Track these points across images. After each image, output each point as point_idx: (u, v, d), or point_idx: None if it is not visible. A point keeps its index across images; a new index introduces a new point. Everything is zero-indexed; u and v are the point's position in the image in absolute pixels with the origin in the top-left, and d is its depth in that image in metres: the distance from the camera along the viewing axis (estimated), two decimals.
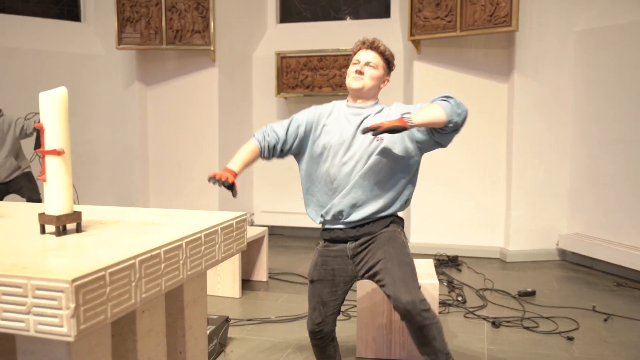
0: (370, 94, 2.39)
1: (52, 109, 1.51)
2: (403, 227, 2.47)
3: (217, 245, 1.82)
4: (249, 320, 3.65)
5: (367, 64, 2.35)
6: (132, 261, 1.33)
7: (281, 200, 6.47)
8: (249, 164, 2.37)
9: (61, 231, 1.50)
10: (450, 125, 2.14)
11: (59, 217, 1.50)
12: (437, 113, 2.12)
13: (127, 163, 6.42)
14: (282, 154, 2.44)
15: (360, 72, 2.34)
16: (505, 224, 5.36)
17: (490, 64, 5.31)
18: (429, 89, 5.50)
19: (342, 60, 5.97)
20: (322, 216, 2.43)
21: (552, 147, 5.20)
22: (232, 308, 3.93)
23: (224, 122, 6.13)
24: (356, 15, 6.55)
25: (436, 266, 5.00)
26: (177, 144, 6.25)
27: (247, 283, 4.52)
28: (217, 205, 6.11)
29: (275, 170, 6.39)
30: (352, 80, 2.35)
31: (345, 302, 2.66)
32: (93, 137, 6.59)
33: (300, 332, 3.43)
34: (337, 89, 5.99)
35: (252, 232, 4.46)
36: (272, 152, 2.40)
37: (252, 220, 6.45)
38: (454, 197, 5.50)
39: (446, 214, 5.53)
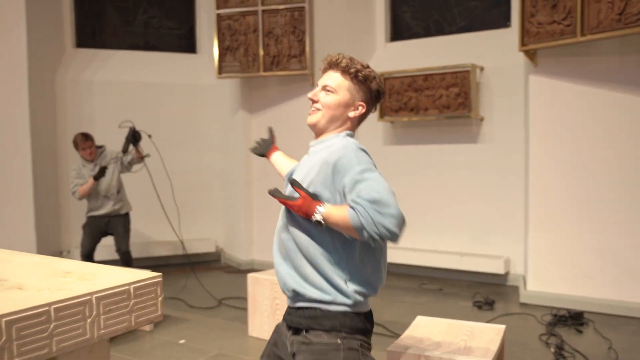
0: (331, 127, 1.81)
1: None
2: (348, 335, 1.67)
3: (90, 320, 1.45)
4: None
5: (324, 87, 1.79)
6: None
7: None
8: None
9: None
10: (367, 237, 1.53)
11: None
12: (346, 223, 1.55)
13: (233, 190, 6.39)
14: None
15: (313, 101, 1.80)
16: None
17: (627, 74, 4.26)
18: (548, 108, 4.60)
19: (450, 78, 5.30)
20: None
21: None
22: None
23: None
24: (473, 28, 5.82)
25: (551, 323, 4.07)
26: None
27: None
28: None
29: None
30: (308, 115, 1.85)
31: None
32: (207, 164, 6.69)
33: None
34: (444, 110, 5.32)
35: None
36: None
37: None
38: (583, 239, 4.48)
39: (573, 259, 4.53)
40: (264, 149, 2.46)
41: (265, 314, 3.86)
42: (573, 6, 4.14)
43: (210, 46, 6.65)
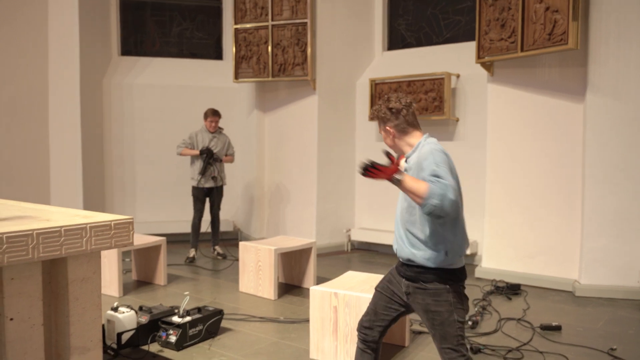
0: (400, 150, 2.53)
1: None
2: (453, 283, 2.35)
3: (85, 239, 2.46)
4: (261, 317, 4.18)
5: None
6: None
7: (380, 218, 6.79)
8: None
9: None
10: (426, 207, 2.17)
11: None
12: (420, 189, 2.18)
13: (249, 178, 7.41)
14: None
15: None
16: (580, 255, 4.94)
17: (565, 83, 4.99)
18: (502, 111, 5.37)
19: (429, 84, 6.12)
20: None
21: (632, 174, 4.67)
22: (256, 305, 4.50)
23: (324, 144, 6.72)
24: (457, 39, 6.59)
25: (489, 292, 4.87)
26: (286, 164, 7.04)
27: (295, 289, 5.04)
28: (315, 215, 6.71)
29: (376, 190, 6.77)
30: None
31: None
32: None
33: (286, 334, 3.86)
34: (423, 112, 6.14)
35: (297, 243, 4.97)
36: None
37: (349, 235, 6.90)
38: (526, 223, 5.24)
39: (517, 240, 5.29)
40: None
41: (251, 273, 4.85)
42: (516, 26, 4.91)
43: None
